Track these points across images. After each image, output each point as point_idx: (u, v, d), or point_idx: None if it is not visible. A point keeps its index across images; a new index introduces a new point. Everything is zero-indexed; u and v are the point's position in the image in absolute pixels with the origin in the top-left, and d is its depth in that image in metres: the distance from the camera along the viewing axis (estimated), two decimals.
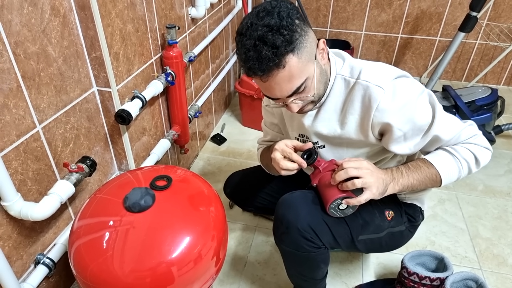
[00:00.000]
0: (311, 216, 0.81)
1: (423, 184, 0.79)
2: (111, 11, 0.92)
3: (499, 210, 1.43)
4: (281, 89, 0.70)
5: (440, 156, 0.79)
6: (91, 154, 1.00)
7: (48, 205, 0.79)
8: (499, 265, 1.22)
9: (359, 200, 0.73)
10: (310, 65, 0.70)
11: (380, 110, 0.73)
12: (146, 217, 0.76)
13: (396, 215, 0.92)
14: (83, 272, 0.73)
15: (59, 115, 0.87)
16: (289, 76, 0.68)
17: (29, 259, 0.86)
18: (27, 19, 0.73)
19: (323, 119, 0.82)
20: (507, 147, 1.77)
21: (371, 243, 0.90)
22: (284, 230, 0.81)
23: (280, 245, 0.86)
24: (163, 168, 0.93)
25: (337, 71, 0.79)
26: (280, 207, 0.84)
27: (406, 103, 0.73)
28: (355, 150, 0.84)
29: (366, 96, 0.74)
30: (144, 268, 0.71)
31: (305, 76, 0.70)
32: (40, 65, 0.78)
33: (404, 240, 0.98)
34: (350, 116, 0.78)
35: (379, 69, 0.76)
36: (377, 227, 0.89)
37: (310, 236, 0.80)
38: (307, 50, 0.68)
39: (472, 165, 0.79)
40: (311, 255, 0.83)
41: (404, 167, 0.79)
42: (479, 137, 0.80)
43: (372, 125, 0.76)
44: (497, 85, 2.35)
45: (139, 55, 1.08)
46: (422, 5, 2.16)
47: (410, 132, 0.76)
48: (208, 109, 1.76)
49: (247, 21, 0.67)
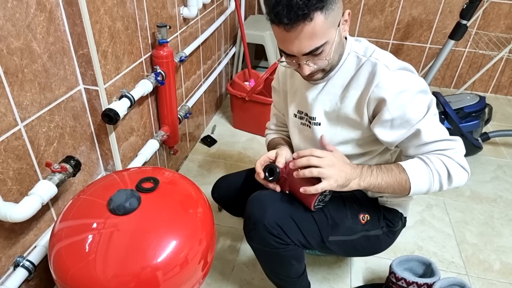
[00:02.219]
0: (278, 212, 0.81)
1: (391, 187, 0.78)
2: (99, 8, 0.90)
3: (485, 216, 1.45)
4: (300, 44, 0.70)
5: (413, 164, 0.78)
6: (76, 154, 0.97)
7: (28, 206, 0.76)
8: (485, 270, 1.23)
9: (316, 188, 0.74)
10: (332, 30, 0.71)
11: (379, 87, 0.74)
12: (131, 220, 0.74)
13: (372, 219, 0.91)
14: (63, 276, 0.70)
15: (43, 113, 0.84)
16: (312, 32, 0.69)
17: (8, 261, 0.83)
18: (11, 13, 0.71)
19: (328, 93, 0.83)
20: (494, 154, 1.81)
21: (344, 245, 0.90)
22: (252, 226, 0.82)
23: (250, 242, 0.86)
24: (151, 170, 0.91)
25: (352, 48, 0.81)
26: (249, 204, 0.85)
27: (405, 90, 0.74)
28: (347, 132, 0.84)
29: (372, 72, 0.76)
30: (128, 272, 0.69)
31: (326, 38, 0.71)
32: (24, 61, 0.76)
33: (382, 244, 0.97)
34: (353, 91, 0.79)
35: (391, 56, 0.80)
36: (348, 229, 0.89)
37: (277, 232, 0.80)
38: (334, 14, 0.70)
39: (444, 179, 0.76)
40: (280, 251, 0.83)
41: (377, 167, 0.80)
42: (459, 153, 0.77)
43: (369, 101, 0.77)
44: (485, 92, 2.40)
45: (128, 54, 1.06)
46: (413, 12, 2.20)
47: (398, 121, 0.76)
48: (199, 110, 1.75)
49: None
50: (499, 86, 2.36)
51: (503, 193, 1.57)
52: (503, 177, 1.66)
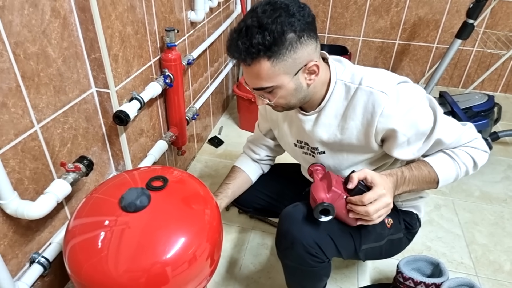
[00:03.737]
0: (316, 231, 0.79)
1: (420, 188, 0.80)
2: (111, 14, 0.93)
3: (495, 217, 1.43)
4: (248, 79, 0.73)
5: (441, 161, 0.79)
6: (88, 154, 1.00)
7: (44, 204, 0.80)
8: (495, 271, 1.22)
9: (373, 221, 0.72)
10: (283, 77, 0.70)
11: (384, 116, 0.73)
12: (141, 217, 0.77)
13: (394, 222, 0.92)
14: (77, 272, 0.73)
15: (58, 115, 0.87)
16: (256, 74, 0.70)
17: (24, 257, 0.86)
18: (27, 20, 0.74)
19: (323, 124, 0.81)
20: (504, 154, 1.78)
21: (372, 251, 0.90)
22: (289, 245, 0.79)
23: (284, 260, 0.84)
24: (160, 169, 0.93)
25: (338, 77, 0.78)
26: (283, 221, 0.82)
27: (410, 108, 0.73)
28: (355, 156, 0.83)
29: (369, 102, 0.73)
30: (139, 268, 0.71)
31: (274, 83, 0.71)
32: (40, 65, 0.79)
33: (402, 247, 0.98)
34: (351, 122, 0.77)
35: (380, 75, 0.77)
36: (378, 235, 0.88)
37: (315, 251, 0.78)
38: (286, 64, 0.69)
39: (470, 168, 0.80)
40: (315, 269, 0.82)
41: (409, 171, 0.78)
42: (479, 140, 0.80)
43: (376, 131, 0.75)
44: (494, 92, 2.37)
45: (138, 57, 1.09)
46: (419, 12, 2.19)
47: (413, 137, 0.76)
48: (206, 111, 1.77)
49: (257, 5, 0.68)
50: (508, 85, 2.33)
51: None
52: None
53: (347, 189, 0.73)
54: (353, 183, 0.71)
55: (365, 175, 0.72)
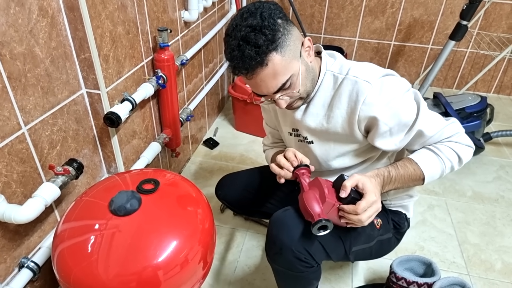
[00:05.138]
0: (305, 236, 0.78)
1: (406, 186, 0.81)
2: (101, 13, 0.92)
3: (487, 216, 1.45)
4: (266, 86, 0.72)
5: (426, 158, 0.80)
6: (79, 156, 0.99)
7: (32, 208, 0.78)
8: (487, 270, 1.23)
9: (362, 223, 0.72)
10: (294, 62, 0.72)
11: (366, 104, 0.74)
12: (132, 221, 0.76)
13: (383, 222, 0.92)
14: (66, 277, 0.72)
15: (46, 116, 0.86)
16: (273, 73, 0.70)
17: (13, 262, 0.84)
18: (13, 19, 0.73)
19: (311, 114, 0.83)
20: (496, 154, 1.80)
21: (362, 253, 0.90)
22: (278, 251, 0.80)
23: (273, 264, 0.85)
24: (152, 172, 0.92)
25: (327, 68, 0.81)
26: (273, 226, 0.82)
27: (392, 99, 0.75)
28: (341, 146, 0.84)
29: (353, 91, 0.76)
30: (130, 272, 0.70)
31: (290, 73, 0.72)
32: (27, 65, 0.78)
33: (391, 247, 0.98)
34: (337, 111, 0.79)
35: (367, 67, 0.79)
36: (368, 236, 0.89)
37: (304, 257, 0.79)
38: (291, 48, 0.71)
39: (455, 164, 0.81)
40: (304, 274, 0.82)
41: (395, 170, 0.79)
42: (461, 135, 0.81)
43: (359, 119, 0.77)
44: (487, 93, 2.38)
45: (129, 58, 1.08)
46: (414, 13, 2.19)
47: (395, 128, 0.77)
48: (201, 113, 1.76)
49: (233, 23, 0.70)
50: (501, 86, 2.35)
51: (505, 193, 1.56)
52: (505, 177, 1.65)
53: (340, 198, 0.73)
54: (346, 192, 0.71)
55: (357, 182, 0.72)
